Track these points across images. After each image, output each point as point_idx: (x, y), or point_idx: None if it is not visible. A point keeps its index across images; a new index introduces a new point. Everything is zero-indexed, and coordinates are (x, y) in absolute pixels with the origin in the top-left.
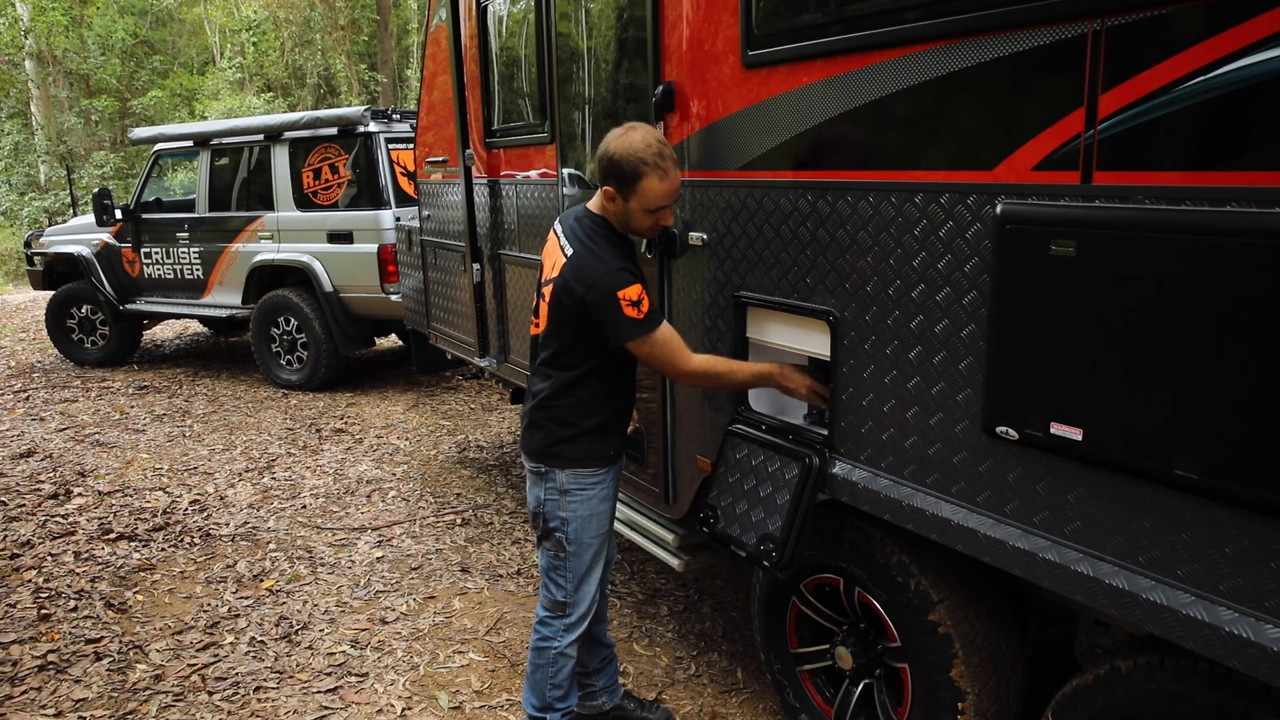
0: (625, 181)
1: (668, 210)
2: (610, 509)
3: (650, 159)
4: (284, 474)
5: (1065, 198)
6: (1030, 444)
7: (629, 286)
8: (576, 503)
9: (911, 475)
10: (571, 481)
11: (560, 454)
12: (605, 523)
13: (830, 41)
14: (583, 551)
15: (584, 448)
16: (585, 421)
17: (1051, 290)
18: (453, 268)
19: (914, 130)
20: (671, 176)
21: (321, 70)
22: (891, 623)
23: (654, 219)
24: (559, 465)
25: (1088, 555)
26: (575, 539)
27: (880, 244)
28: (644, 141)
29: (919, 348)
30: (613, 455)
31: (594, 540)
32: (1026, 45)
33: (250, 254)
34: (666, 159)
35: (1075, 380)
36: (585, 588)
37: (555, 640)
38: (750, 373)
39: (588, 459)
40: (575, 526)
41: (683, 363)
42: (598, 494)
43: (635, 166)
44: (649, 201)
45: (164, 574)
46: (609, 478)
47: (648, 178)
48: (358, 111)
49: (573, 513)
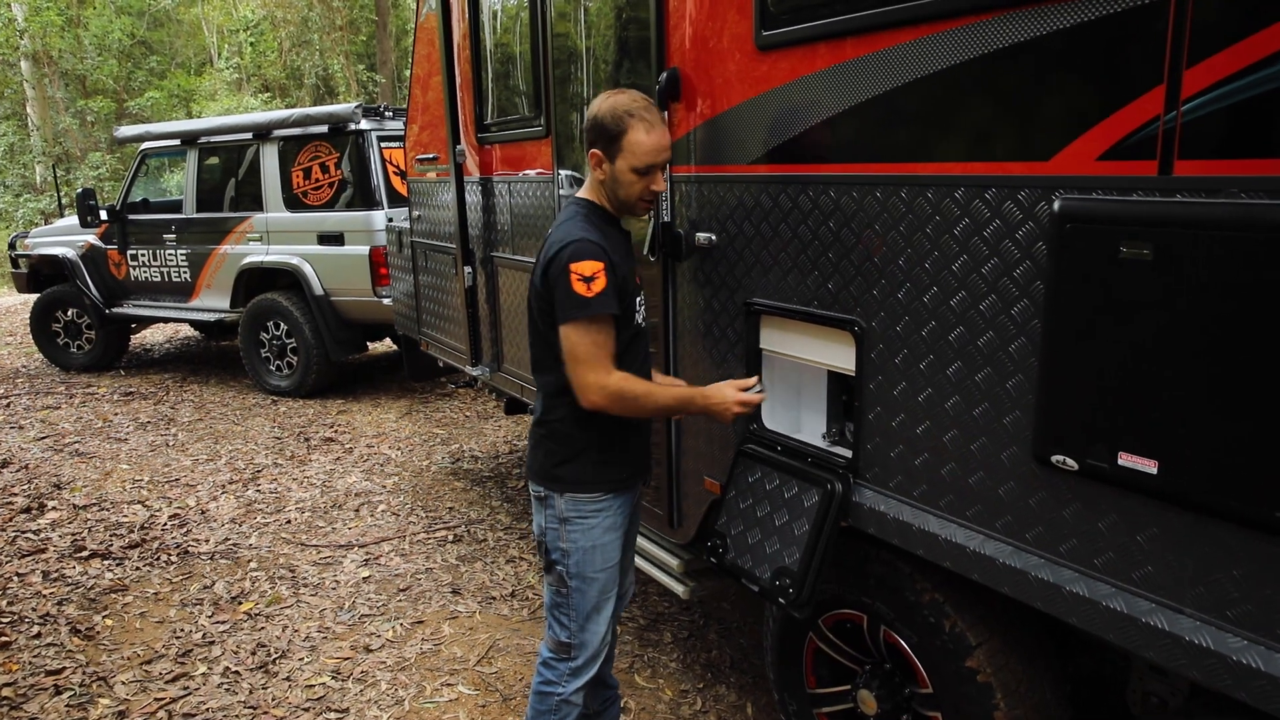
0: (610, 139)
1: (658, 172)
2: (620, 540)
3: (636, 110)
4: (269, 486)
5: (1138, 191)
6: (1092, 476)
7: (585, 260)
8: (577, 532)
9: (949, 506)
10: (571, 508)
11: (560, 476)
12: (613, 555)
13: (860, 17)
14: (586, 587)
15: (584, 470)
16: (584, 438)
17: (1122, 299)
18: (444, 271)
19: (956, 116)
20: (659, 130)
21: (320, 71)
22: (922, 666)
23: (644, 183)
24: (557, 489)
25: (1162, 606)
26: (577, 573)
27: (914, 246)
28: (630, 97)
29: (958, 363)
30: (621, 480)
31: (599, 575)
32: (1092, 14)
33: (239, 256)
34: (653, 112)
35: (1150, 405)
36: (592, 627)
37: (559, 686)
38: (672, 398)
39: (589, 483)
40: (576, 559)
41: (595, 375)
42: (601, 523)
43: (619, 119)
44: (636, 158)
45: (136, 595)
46: (616, 506)
47: (633, 130)
48: (349, 109)
49: (573, 544)
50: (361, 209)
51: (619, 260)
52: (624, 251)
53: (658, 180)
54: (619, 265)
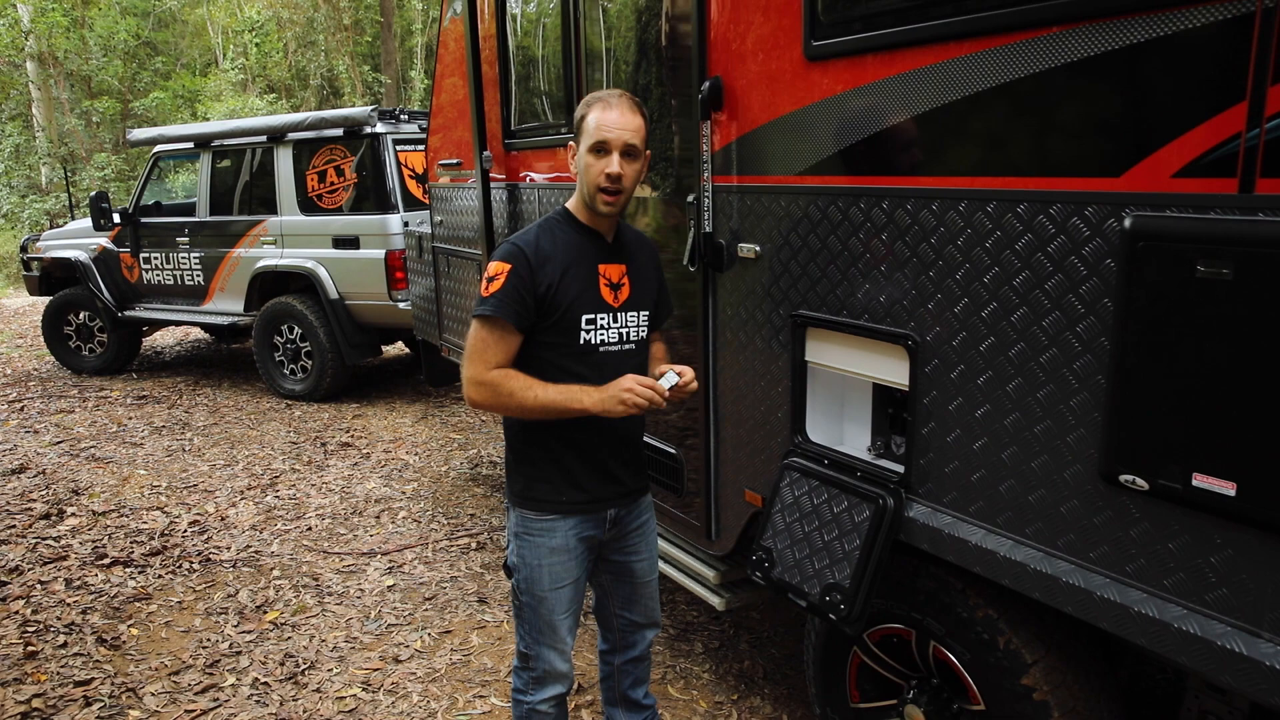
0: (576, 127)
1: (615, 155)
2: (571, 565)
3: (602, 96)
4: (288, 492)
5: (1216, 210)
6: (1164, 496)
7: (496, 261)
8: (526, 549)
9: (1007, 523)
10: (519, 524)
11: (510, 487)
12: (563, 577)
13: (918, 29)
14: (536, 604)
15: (528, 485)
16: (526, 451)
17: (1199, 318)
18: (468, 276)
19: (1020, 131)
20: (618, 109)
21: (325, 71)
22: (974, 683)
23: (600, 165)
24: (512, 502)
25: (1238, 629)
26: (526, 589)
27: (973, 260)
28: (606, 90)
29: (1019, 380)
30: (572, 504)
31: (547, 594)
32: (1168, 29)
33: (253, 259)
34: (623, 98)
35: (1230, 426)
36: (546, 643)
37: (526, 694)
38: (556, 392)
39: (533, 500)
40: (526, 575)
41: (472, 369)
42: (547, 543)
43: (585, 105)
44: (589, 136)
45: (160, 604)
46: (565, 528)
47: (591, 111)
48: (364, 112)
49: (523, 559)
50: (377, 213)
51: (557, 270)
52: (584, 260)
53: (611, 163)
54: (546, 273)
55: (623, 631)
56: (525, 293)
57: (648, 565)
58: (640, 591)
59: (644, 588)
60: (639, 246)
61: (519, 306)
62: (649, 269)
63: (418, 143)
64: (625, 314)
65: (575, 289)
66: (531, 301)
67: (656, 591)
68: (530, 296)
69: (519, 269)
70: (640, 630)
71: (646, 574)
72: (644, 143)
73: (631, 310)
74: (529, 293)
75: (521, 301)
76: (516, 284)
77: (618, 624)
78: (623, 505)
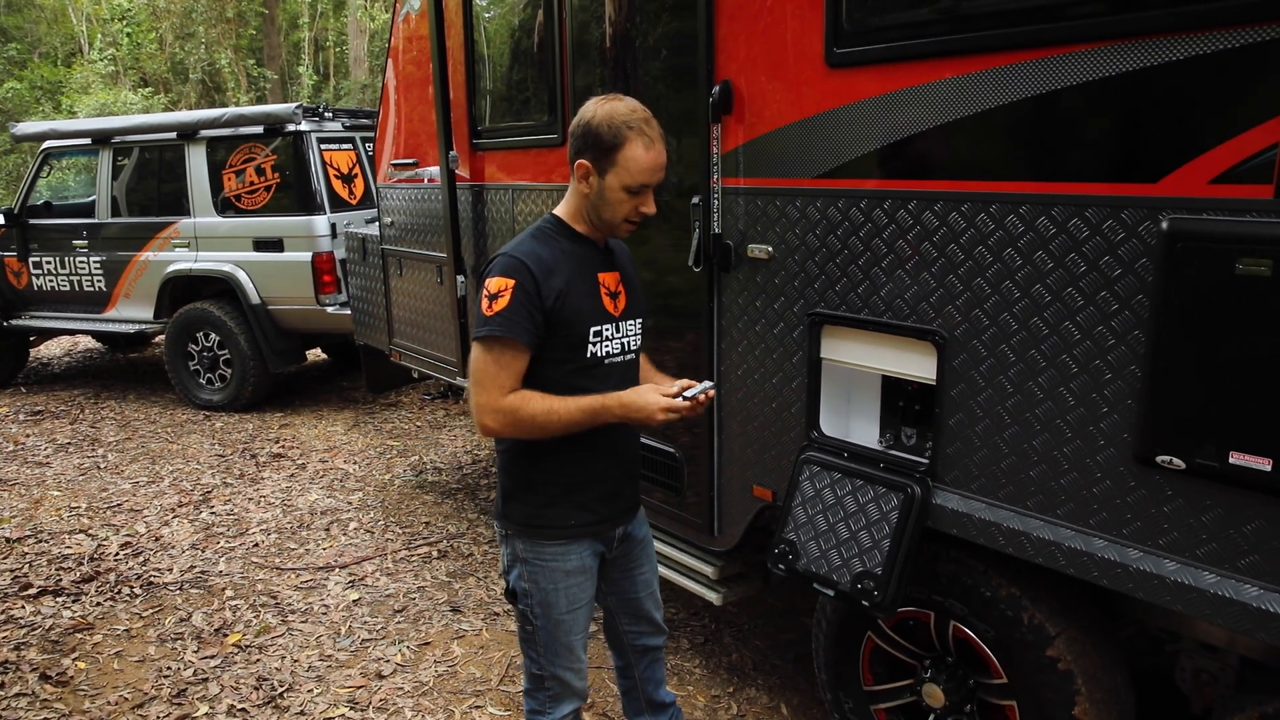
0: (604, 151)
1: (649, 194)
2: (587, 585)
3: (635, 123)
4: (224, 507)
5: (1253, 213)
6: (1200, 474)
7: (497, 277)
8: (540, 575)
9: (1038, 506)
10: (527, 550)
11: (510, 515)
12: (580, 597)
13: (956, 40)
14: (552, 627)
15: (536, 512)
16: (531, 474)
17: (1239, 311)
18: (426, 279)
19: (1052, 138)
20: (658, 147)
21: (205, 65)
22: (997, 658)
23: (633, 203)
24: (513, 529)
25: (1269, 590)
26: (540, 614)
27: (1003, 260)
28: (629, 108)
29: (1051, 371)
30: (582, 526)
31: (563, 618)
32: (1208, 49)
33: (163, 263)
34: (654, 127)
35: (1267, 408)
36: (563, 663)
37: (544, 713)
38: (581, 410)
39: (542, 526)
40: (538, 600)
41: (486, 396)
42: (562, 567)
43: (618, 131)
44: (630, 176)
45: (106, 634)
46: (578, 549)
47: (630, 144)
48: (288, 109)
49: (534, 584)
50: (302, 214)
51: (562, 282)
52: (586, 270)
53: (648, 202)
54: (552, 285)
55: (634, 646)
56: (533, 308)
57: (649, 575)
58: (645, 603)
59: (649, 598)
60: (623, 253)
61: (529, 324)
62: (634, 275)
63: (343, 141)
64: (625, 323)
65: (582, 300)
66: (540, 317)
67: (660, 599)
68: (539, 312)
69: (524, 283)
70: (650, 637)
71: (649, 584)
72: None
73: (630, 319)
74: (537, 308)
75: (531, 318)
76: (524, 299)
77: (628, 640)
78: (627, 521)
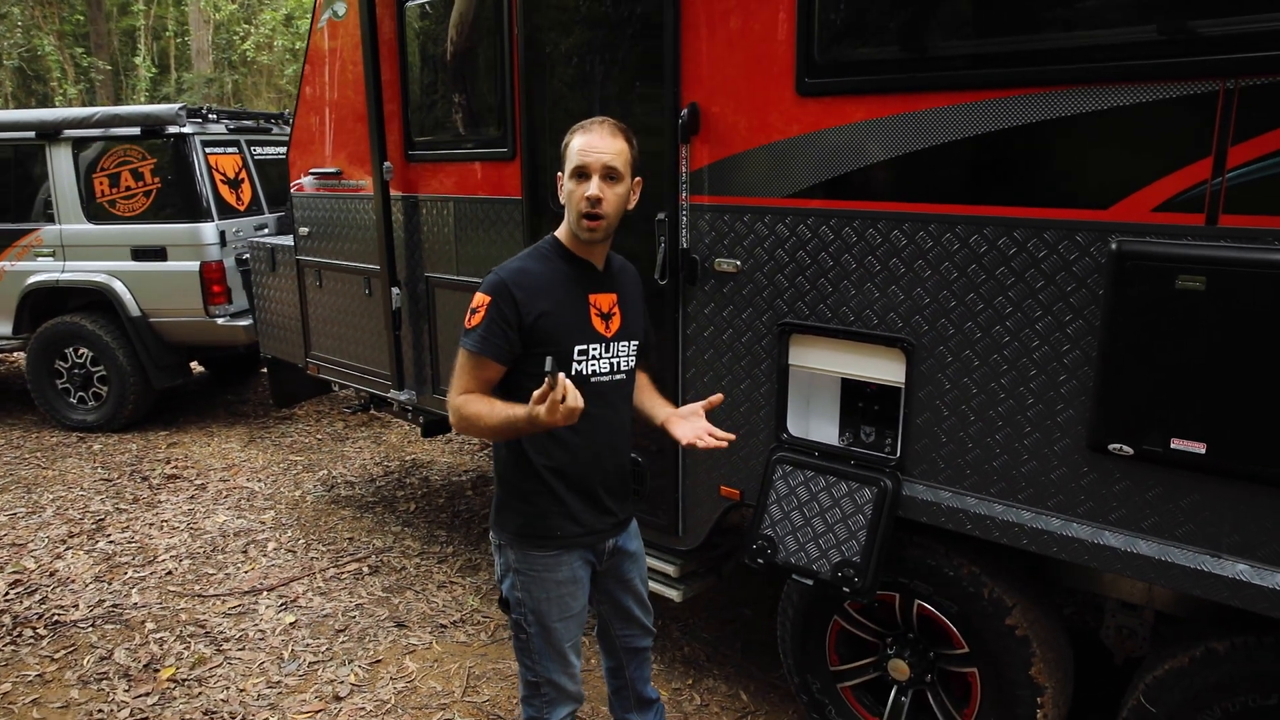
0: (560, 156)
1: (594, 178)
2: (578, 594)
3: (584, 124)
4: (122, 535)
5: (1189, 237)
6: (1146, 459)
7: (480, 293)
8: (532, 584)
9: (1000, 492)
10: (519, 560)
11: (504, 524)
12: (570, 607)
13: (925, 77)
14: (546, 636)
15: (526, 521)
16: (522, 484)
17: (1180, 319)
18: (351, 292)
19: (1016, 168)
20: (597, 134)
21: (23, 51)
22: (959, 631)
23: (581, 190)
24: (505, 539)
25: (1202, 553)
26: (533, 622)
27: (968, 275)
28: (591, 119)
29: (1012, 372)
30: (574, 537)
31: (555, 626)
32: (1154, 97)
33: (22, 274)
34: (604, 125)
35: (1203, 400)
36: (558, 668)
37: (542, 718)
38: (502, 416)
39: (533, 537)
40: (531, 609)
41: (451, 393)
42: (553, 576)
43: (568, 135)
44: (571, 160)
45: (15, 682)
46: (569, 560)
47: (574, 136)
48: (171, 110)
49: (527, 593)
50: (187, 221)
51: (549, 302)
52: (575, 291)
53: (592, 185)
54: (535, 304)
55: (626, 648)
56: (506, 326)
57: (640, 583)
58: (637, 609)
59: (640, 605)
60: (627, 274)
61: (499, 340)
62: (636, 297)
63: (227, 145)
64: (617, 344)
65: (566, 320)
66: (514, 334)
67: (649, 604)
68: (512, 329)
69: (499, 301)
70: (640, 639)
71: (640, 592)
72: (629, 167)
73: (622, 340)
74: (510, 325)
75: (502, 334)
76: (496, 317)
77: (620, 643)
78: (617, 536)
